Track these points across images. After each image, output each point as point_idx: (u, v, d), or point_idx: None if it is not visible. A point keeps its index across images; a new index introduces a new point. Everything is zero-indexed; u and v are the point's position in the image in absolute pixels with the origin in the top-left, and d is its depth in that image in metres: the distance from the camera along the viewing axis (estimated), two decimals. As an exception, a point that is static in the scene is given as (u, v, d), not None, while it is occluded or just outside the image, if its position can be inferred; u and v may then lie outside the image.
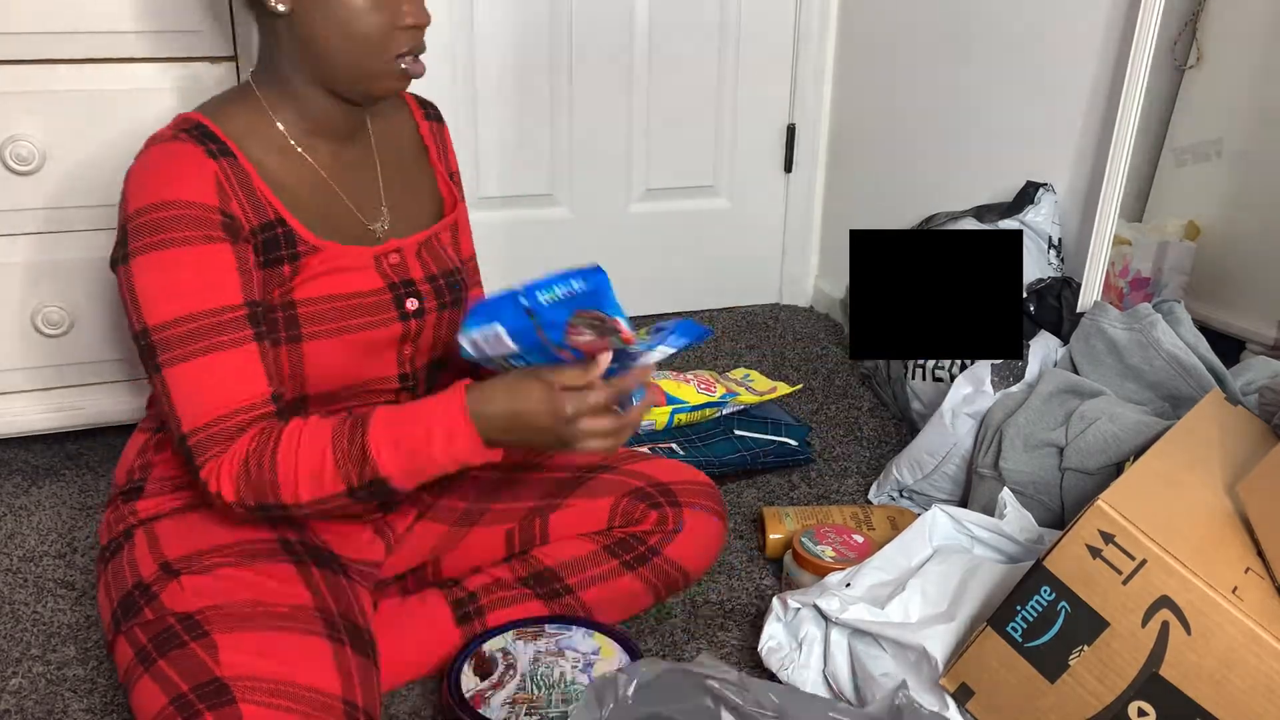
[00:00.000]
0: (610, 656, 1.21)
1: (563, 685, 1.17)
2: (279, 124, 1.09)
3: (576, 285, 0.93)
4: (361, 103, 1.11)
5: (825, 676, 1.24)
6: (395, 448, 0.99)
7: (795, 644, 1.26)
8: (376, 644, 1.10)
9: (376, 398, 1.17)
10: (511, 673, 1.18)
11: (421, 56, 1.08)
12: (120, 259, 1.01)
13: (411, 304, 1.15)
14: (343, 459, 0.99)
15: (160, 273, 0.99)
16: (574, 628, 1.25)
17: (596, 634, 1.24)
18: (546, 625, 1.25)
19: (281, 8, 1.03)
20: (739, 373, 1.91)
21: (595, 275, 0.93)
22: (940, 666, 1.13)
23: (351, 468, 0.99)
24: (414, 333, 1.16)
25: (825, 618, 1.24)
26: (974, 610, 1.17)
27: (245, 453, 0.99)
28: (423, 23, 1.06)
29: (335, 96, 1.09)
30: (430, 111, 1.30)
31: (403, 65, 1.06)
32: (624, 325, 0.95)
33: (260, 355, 1.02)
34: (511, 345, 1.00)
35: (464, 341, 1.02)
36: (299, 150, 1.11)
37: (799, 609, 1.26)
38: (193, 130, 1.04)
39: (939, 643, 1.15)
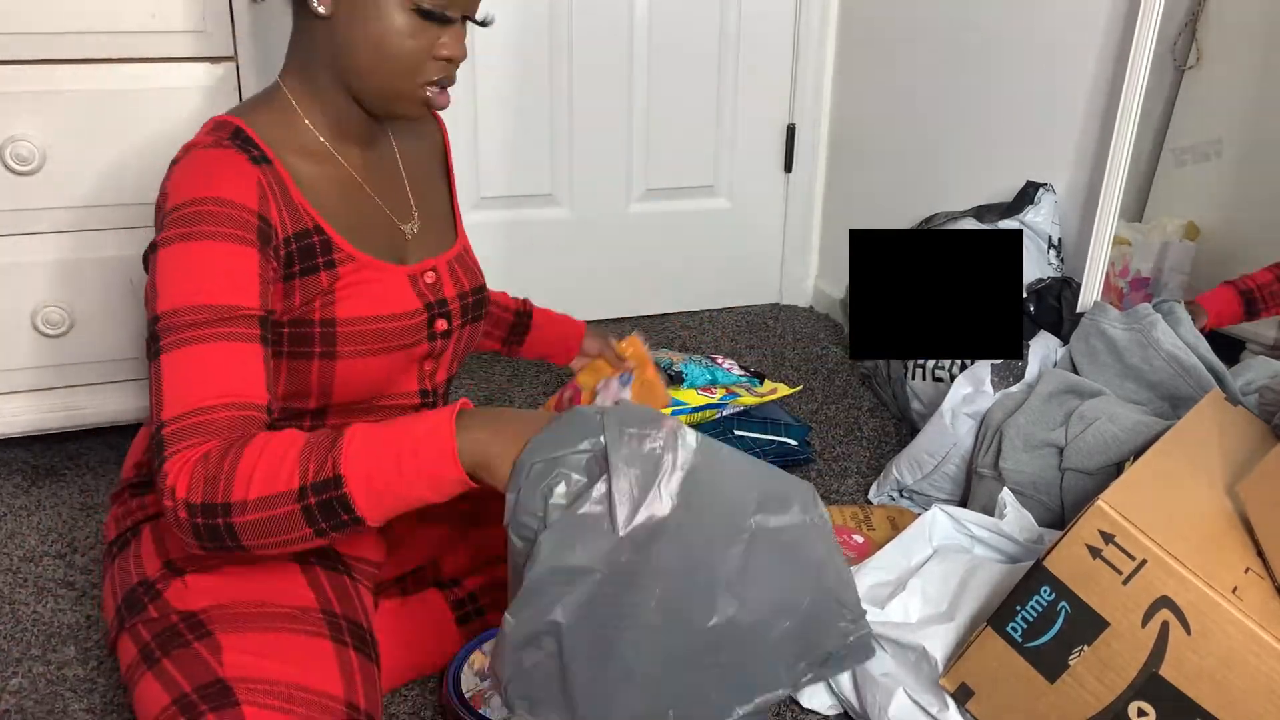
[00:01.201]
0: None
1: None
2: (309, 124, 1.08)
3: None
4: (381, 117, 1.11)
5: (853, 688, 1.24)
6: (365, 443, 0.89)
7: None
8: (378, 644, 1.10)
9: (396, 412, 1.16)
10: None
11: (448, 91, 1.09)
12: (152, 249, 0.99)
13: (441, 325, 1.15)
14: (308, 448, 0.89)
15: (185, 261, 0.96)
16: None
17: None
18: None
19: (323, 10, 1.02)
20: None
21: None
22: (940, 666, 1.13)
23: (311, 459, 0.88)
24: (438, 351, 1.16)
25: None
26: (974, 610, 1.17)
27: (213, 446, 0.90)
28: (457, 57, 1.05)
29: (358, 104, 1.09)
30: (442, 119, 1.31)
31: (428, 93, 1.06)
32: None
33: (263, 362, 0.97)
34: None
35: None
36: (331, 150, 1.10)
37: None
38: (233, 137, 1.02)
39: (939, 643, 1.15)
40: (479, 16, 1.08)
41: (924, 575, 1.25)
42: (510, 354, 1.57)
